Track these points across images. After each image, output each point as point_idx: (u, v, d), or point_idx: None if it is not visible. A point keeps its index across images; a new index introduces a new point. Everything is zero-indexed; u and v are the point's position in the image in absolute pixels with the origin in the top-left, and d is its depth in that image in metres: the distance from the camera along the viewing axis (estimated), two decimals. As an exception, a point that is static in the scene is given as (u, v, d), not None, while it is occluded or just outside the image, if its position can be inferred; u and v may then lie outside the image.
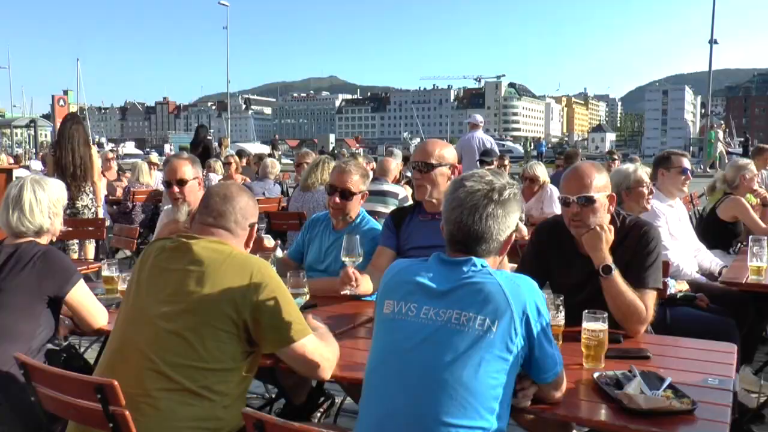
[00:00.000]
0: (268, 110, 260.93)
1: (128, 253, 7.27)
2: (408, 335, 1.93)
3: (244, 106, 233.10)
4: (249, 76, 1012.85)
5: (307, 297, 3.05)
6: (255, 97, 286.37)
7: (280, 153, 21.02)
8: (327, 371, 2.35)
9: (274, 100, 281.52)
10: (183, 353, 2.13)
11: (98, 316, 2.91)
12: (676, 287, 4.10)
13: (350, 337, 2.77)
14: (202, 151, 12.70)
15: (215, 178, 9.29)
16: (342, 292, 2.99)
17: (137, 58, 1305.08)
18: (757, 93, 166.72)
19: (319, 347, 2.32)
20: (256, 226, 2.51)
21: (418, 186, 3.44)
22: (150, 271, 2.32)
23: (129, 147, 72.19)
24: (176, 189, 3.86)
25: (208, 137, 14.28)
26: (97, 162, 7.23)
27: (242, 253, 2.33)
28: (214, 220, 2.36)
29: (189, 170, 3.89)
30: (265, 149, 45.25)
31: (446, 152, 3.49)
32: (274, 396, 3.98)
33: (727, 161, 23.09)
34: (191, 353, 2.14)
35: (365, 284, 3.09)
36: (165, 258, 2.30)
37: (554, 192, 6.94)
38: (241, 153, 13.05)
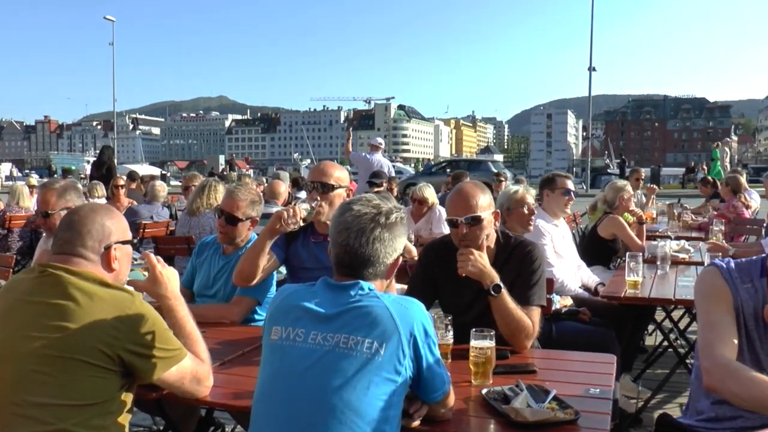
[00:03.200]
0: (156, 130, 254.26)
1: (2, 282, 6.84)
2: (296, 361, 1.91)
3: (131, 126, 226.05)
4: (136, 95, 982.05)
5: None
6: (143, 116, 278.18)
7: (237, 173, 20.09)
8: (206, 388, 2.30)
9: (162, 119, 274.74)
10: (52, 392, 1.99)
11: None
12: (561, 303, 4.26)
13: (239, 363, 2.70)
14: (105, 172, 12.19)
15: (100, 202, 8.90)
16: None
17: (15, 74, 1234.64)
18: (632, 117, 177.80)
19: (195, 367, 2.25)
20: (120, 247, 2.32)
21: (318, 206, 3.45)
22: (12, 305, 2.14)
23: (5, 168, 67.62)
24: (43, 220, 3.68)
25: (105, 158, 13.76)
26: None
27: (113, 286, 2.18)
28: (64, 246, 2.20)
29: (54, 201, 3.71)
30: (154, 170, 43.72)
31: (343, 175, 3.57)
32: (162, 428, 3.83)
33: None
34: (61, 392, 1.99)
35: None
36: (28, 291, 2.13)
37: (442, 213, 7.07)
38: (132, 175, 12.54)
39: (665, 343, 4.92)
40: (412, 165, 68.97)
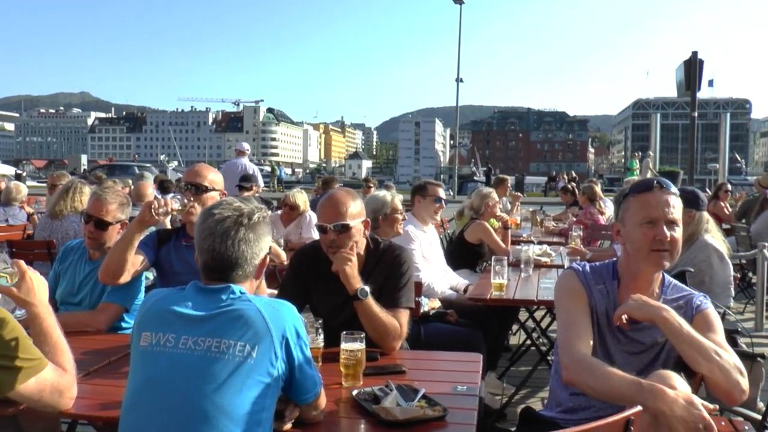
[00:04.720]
0: (10, 126, 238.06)
1: None
2: (167, 367, 1.87)
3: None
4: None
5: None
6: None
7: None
8: (69, 400, 2.16)
9: (17, 115, 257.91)
10: None
11: None
12: (429, 305, 4.40)
13: (106, 373, 2.59)
14: None
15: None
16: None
17: None
18: (497, 128, 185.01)
19: (56, 378, 2.10)
20: None
21: (189, 207, 3.37)
22: None
23: None
24: None
25: None
26: None
27: None
28: None
29: None
30: (8, 170, 40.80)
31: (218, 178, 3.57)
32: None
33: None
34: None
35: None
36: None
37: (313, 218, 7.09)
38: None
39: (528, 342, 5.18)
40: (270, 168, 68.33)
